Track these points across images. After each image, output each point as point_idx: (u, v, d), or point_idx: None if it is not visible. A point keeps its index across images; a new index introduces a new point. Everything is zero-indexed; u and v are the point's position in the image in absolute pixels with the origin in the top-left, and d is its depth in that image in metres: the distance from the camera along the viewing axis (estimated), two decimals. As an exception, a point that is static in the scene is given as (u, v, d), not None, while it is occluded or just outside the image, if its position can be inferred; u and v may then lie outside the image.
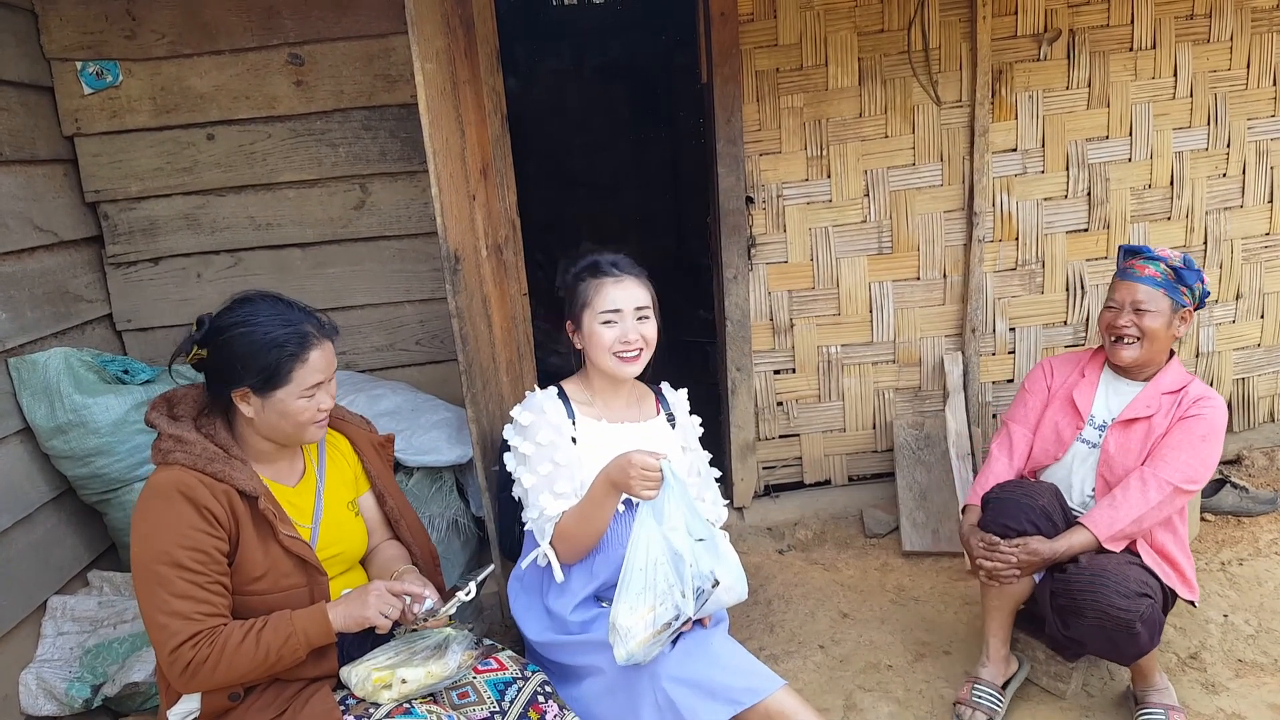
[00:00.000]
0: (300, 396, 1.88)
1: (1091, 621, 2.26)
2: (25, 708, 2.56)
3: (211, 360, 1.89)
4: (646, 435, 2.29)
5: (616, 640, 1.94)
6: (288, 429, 1.91)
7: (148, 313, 3.26)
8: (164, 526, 1.76)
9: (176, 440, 1.84)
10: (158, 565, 1.74)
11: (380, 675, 1.85)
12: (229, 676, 1.76)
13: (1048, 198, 3.50)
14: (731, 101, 3.33)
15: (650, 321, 2.27)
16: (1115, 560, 2.32)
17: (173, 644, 1.72)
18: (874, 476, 3.78)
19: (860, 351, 3.63)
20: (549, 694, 2.01)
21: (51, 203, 2.99)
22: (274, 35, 3.06)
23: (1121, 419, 2.49)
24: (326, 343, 1.94)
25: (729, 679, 2.00)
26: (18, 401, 2.71)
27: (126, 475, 2.80)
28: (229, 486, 1.83)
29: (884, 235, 3.51)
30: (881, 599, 3.17)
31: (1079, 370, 2.65)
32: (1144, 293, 2.43)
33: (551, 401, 2.27)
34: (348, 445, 2.18)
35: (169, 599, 1.73)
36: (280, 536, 1.88)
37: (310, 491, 2.03)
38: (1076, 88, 3.41)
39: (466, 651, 1.93)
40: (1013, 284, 3.57)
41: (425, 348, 3.37)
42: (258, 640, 1.76)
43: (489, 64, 3.03)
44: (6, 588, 2.58)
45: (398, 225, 3.25)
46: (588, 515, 2.13)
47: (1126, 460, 2.46)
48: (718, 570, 1.97)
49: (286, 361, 1.86)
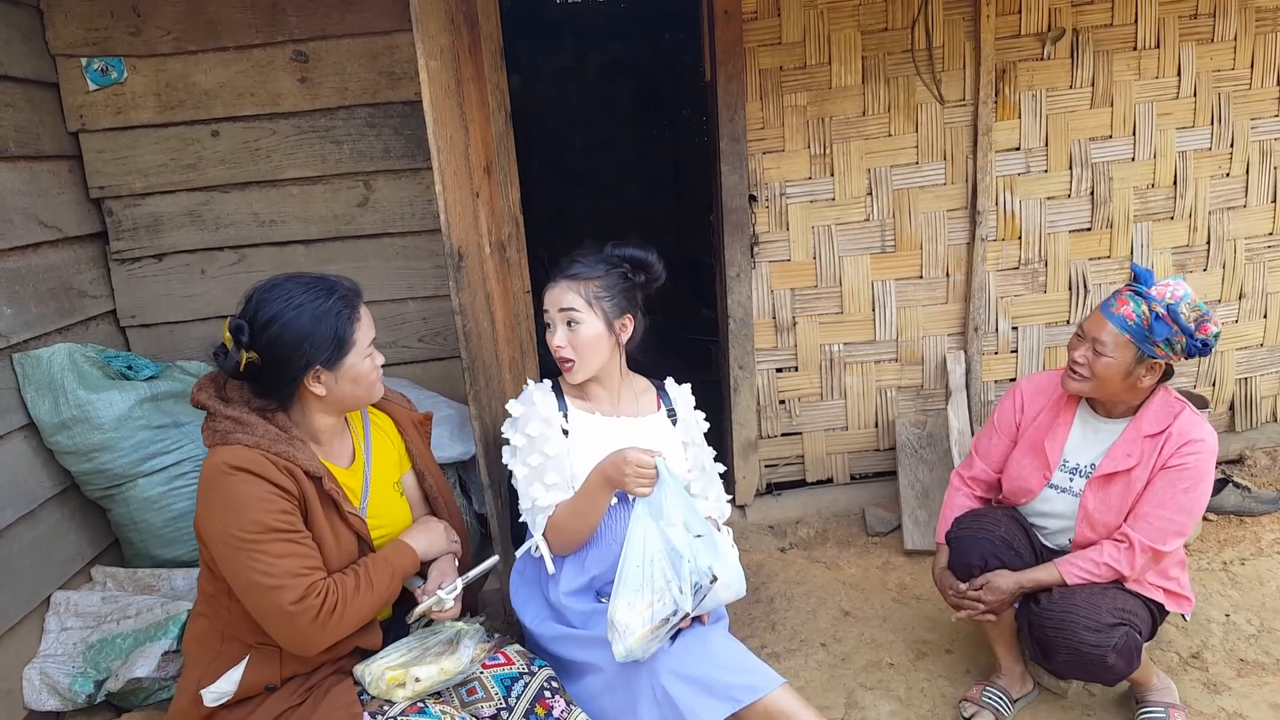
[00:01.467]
0: (364, 355, 1.92)
1: (1064, 657, 2.23)
2: (29, 703, 2.57)
3: (267, 359, 1.85)
4: (644, 430, 2.28)
5: (615, 637, 1.94)
6: (360, 393, 1.95)
7: (152, 309, 3.27)
8: (242, 499, 1.76)
9: (235, 421, 1.84)
10: (249, 534, 1.75)
11: (394, 674, 1.85)
12: (353, 620, 1.85)
13: (1051, 197, 3.50)
14: (735, 100, 3.33)
15: (583, 327, 2.18)
16: (1086, 591, 2.24)
17: (292, 598, 1.75)
18: (876, 475, 3.78)
19: (863, 350, 3.63)
20: (556, 689, 2.01)
21: (56, 199, 2.99)
22: (278, 32, 3.06)
23: (1100, 473, 2.34)
24: (362, 300, 1.99)
25: (728, 676, 1.99)
26: (22, 397, 2.71)
27: (130, 471, 2.80)
28: (294, 465, 1.83)
29: (887, 234, 3.51)
30: (883, 597, 3.17)
31: (1052, 405, 2.47)
32: (1108, 334, 2.22)
33: (542, 393, 2.27)
34: (391, 425, 2.21)
35: (273, 561, 1.75)
36: (345, 515, 1.92)
37: (359, 473, 2.06)
38: (1080, 87, 3.41)
39: (479, 645, 1.94)
40: (1015, 283, 3.57)
41: (428, 345, 3.37)
42: (370, 582, 1.88)
43: (493, 61, 3.03)
44: (10, 583, 2.59)
45: (401, 222, 3.25)
46: (580, 509, 2.13)
47: (1107, 517, 2.33)
48: (716, 567, 1.97)
49: (345, 325, 1.88)
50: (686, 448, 2.36)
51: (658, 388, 2.43)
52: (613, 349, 2.26)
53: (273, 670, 1.86)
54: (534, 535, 2.20)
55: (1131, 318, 2.20)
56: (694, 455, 2.37)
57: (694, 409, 2.44)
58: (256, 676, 1.86)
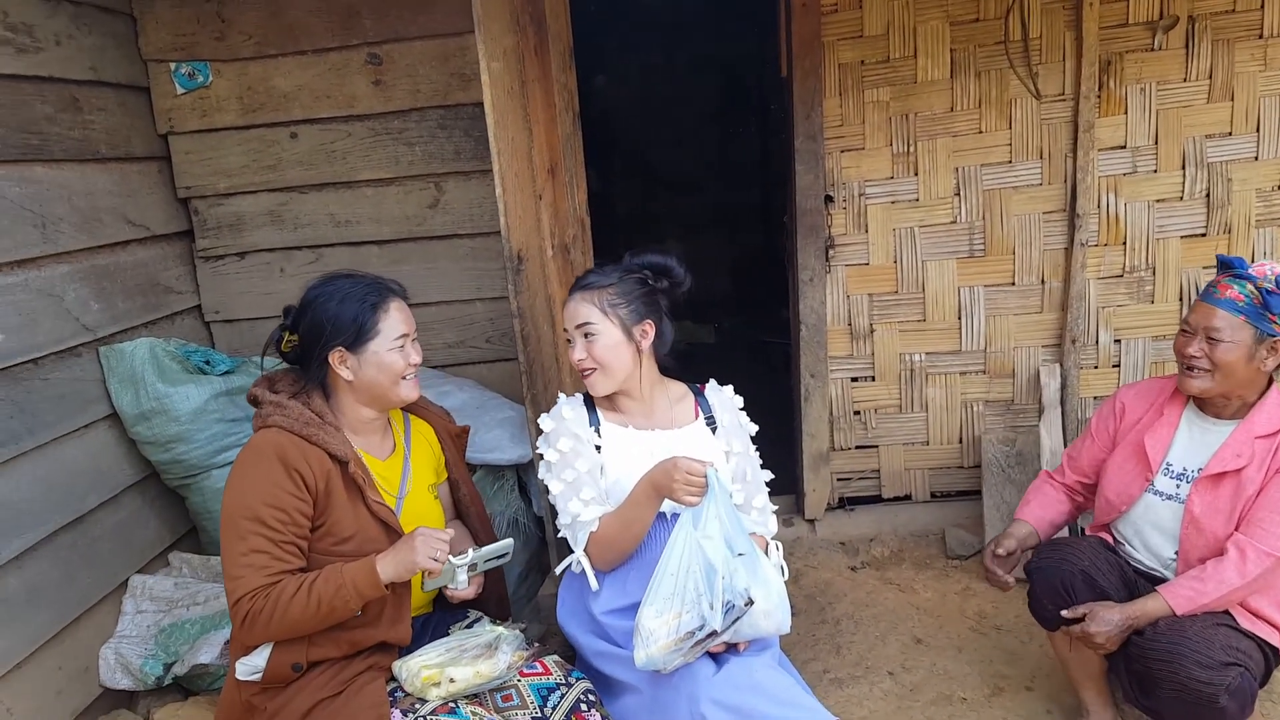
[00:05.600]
0: (390, 348, 1.98)
1: (1170, 694, 2.02)
2: (104, 681, 2.68)
3: (302, 338, 2.01)
4: (680, 443, 2.19)
5: (639, 642, 1.89)
6: (385, 383, 2.00)
7: (234, 305, 3.38)
8: (253, 483, 1.86)
9: (276, 405, 1.95)
10: (242, 519, 1.83)
11: (430, 673, 1.85)
12: (284, 626, 1.82)
13: (1160, 199, 3.23)
14: (812, 95, 3.20)
15: (600, 338, 2.13)
16: (1199, 623, 2.05)
17: (238, 594, 1.81)
18: (959, 494, 3.59)
19: (946, 360, 3.45)
20: (592, 702, 1.97)
21: (145, 198, 3.13)
22: (353, 35, 3.11)
23: (1207, 473, 2.16)
24: (401, 300, 2.05)
25: (773, 710, 1.89)
26: (107, 388, 2.83)
27: (205, 462, 2.90)
28: (321, 450, 1.91)
29: (975, 237, 3.32)
30: (960, 626, 2.99)
31: (1157, 407, 2.33)
32: (1220, 319, 2.09)
33: (572, 408, 2.22)
34: (432, 433, 2.26)
35: (246, 553, 1.82)
36: (369, 501, 1.96)
37: (398, 466, 2.11)
38: (1196, 79, 3.13)
39: (516, 652, 1.92)
40: (1119, 292, 3.31)
41: (494, 345, 3.38)
42: (309, 591, 1.81)
43: (560, 61, 3.00)
44: (91, 565, 2.71)
45: (470, 224, 3.26)
46: (627, 518, 2.08)
47: (1215, 523, 2.14)
48: (755, 590, 1.88)
49: (369, 312, 1.97)
50: (729, 456, 2.26)
51: (696, 393, 2.34)
52: (635, 357, 2.18)
53: (299, 651, 1.90)
54: (575, 550, 2.16)
55: (1240, 299, 2.09)
56: (736, 464, 2.27)
57: (739, 410, 2.33)
58: (284, 655, 1.89)
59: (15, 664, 2.40)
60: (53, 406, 2.62)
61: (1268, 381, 2.18)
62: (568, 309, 2.20)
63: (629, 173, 6.18)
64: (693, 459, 1.96)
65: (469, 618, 2.17)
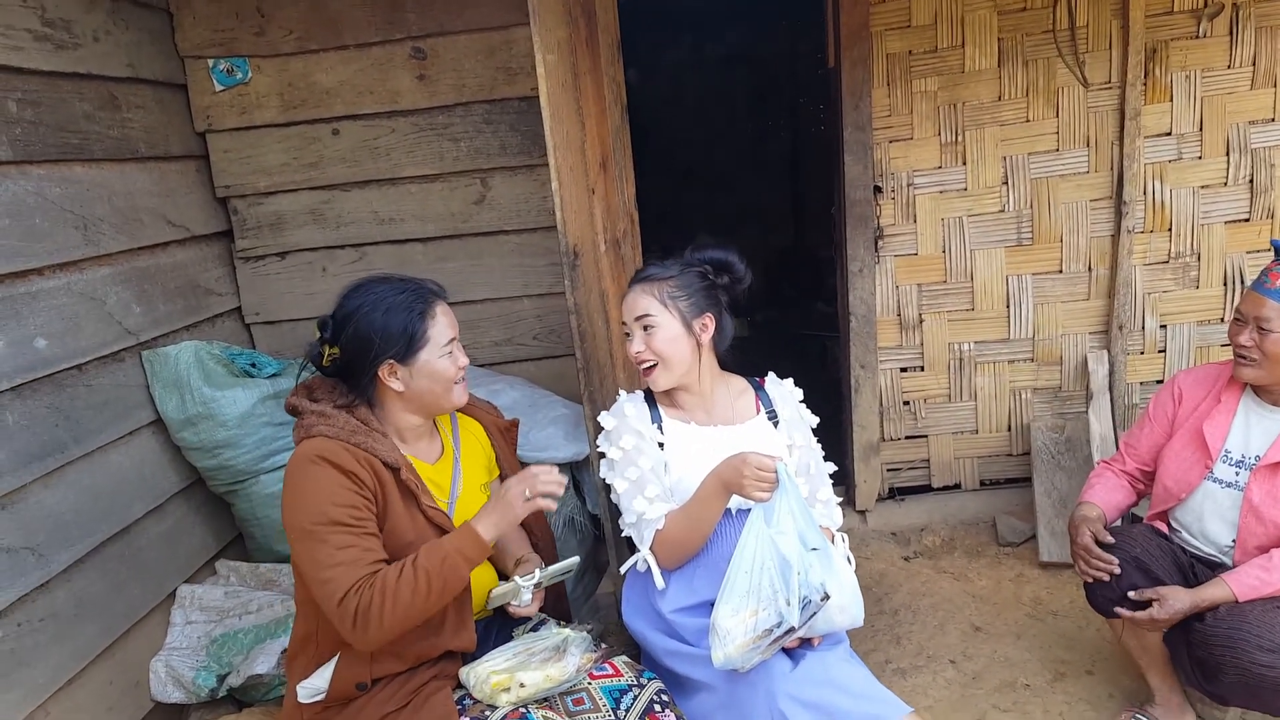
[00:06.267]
0: (441, 355, 1.92)
1: (1233, 679, 2.03)
2: (155, 695, 2.61)
3: (346, 352, 1.91)
4: (743, 439, 2.16)
5: (715, 642, 1.87)
6: (438, 390, 1.94)
7: (275, 306, 3.32)
8: (314, 490, 1.77)
9: (320, 415, 1.88)
10: (314, 527, 1.74)
11: (499, 679, 1.81)
12: (398, 615, 1.71)
13: (1205, 185, 3.24)
14: (860, 86, 3.18)
15: (659, 330, 2.12)
16: (1259, 608, 2.05)
17: (338, 595, 1.71)
18: (1008, 481, 3.59)
19: (995, 349, 3.44)
20: (666, 703, 1.93)
21: (184, 198, 3.06)
22: (397, 29, 3.05)
23: (1267, 462, 2.16)
24: (444, 302, 1.98)
25: (849, 704, 1.88)
26: (150, 394, 2.77)
27: (253, 467, 2.84)
28: (371, 457, 1.84)
29: (1023, 225, 3.31)
30: (1017, 612, 2.99)
31: (1214, 394, 2.32)
32: (1270, 309, 2.09)
33: (635, 405, 2.20)
34: (481, 430, 2.21)
35: (332, 553, 1.73)
36: (423, 507, 1.90)
37: (448, 469, 2.05)
38: (1239, 66, 3.14)
39: (585, 654, 1.88)
40: (1165, 278, 3.32)
41: (542, 342, 3.34)
42: (415, 570, 1.73)
43: (609, 54, 2.96)
44: (138, 576, 2.65)
45: (516, 219, 3.21)
46: (694, 515, 2.05)
47: (1275, 511, 2.14)
48: (830, 585, 1.86)
49: (417, 321, 1.90)
50: (791, 450, 2.23)
51: (756, 387, 2.31)
52: (694, 351, 2.16)
53: (363, 669, 1.84)
54: (641, 549, 2.13)
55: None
56: (799, 457, 2.24)
57: (800, 403, 2.31)
58: (347, 673, 1.84)
59: (66, 680, 2.34)
60: (97, 414, 2.56)
61: None
62: (627, 301, 2.18)
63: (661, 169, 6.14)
64: (762, 454, 1.94)
65: (533, 620, 2.14)
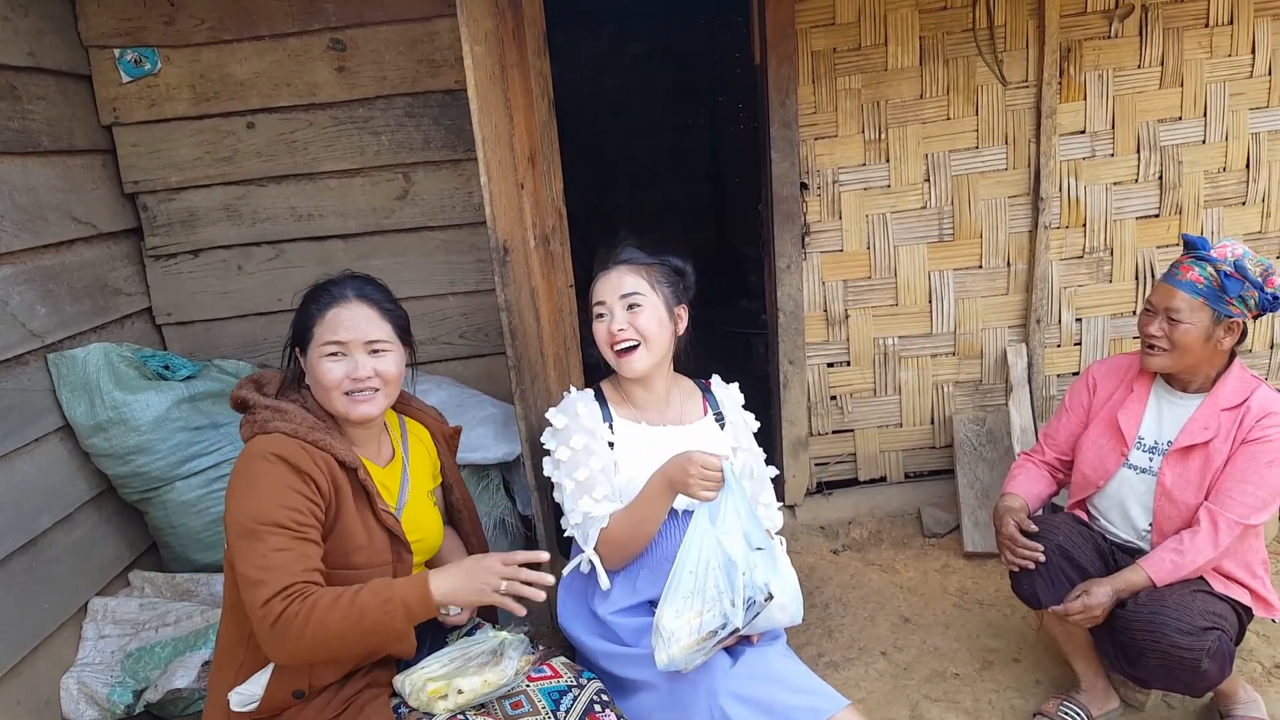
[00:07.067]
0: (322, 356, 1.84)
1: (1154, 662, 2.11)
2: (67, 713, 2.51)
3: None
4: (692, 439, 2.16)
5: (659, 643, 1.86)
6: (321, 395, 1.87)
7: (188, 306, 3.19)
8: (263, 489, 1.71)
9: (275, 410, 1.82)
10: (256, 525, 1.68)
11: (436, 685, 1.76)
12: (319, 638, 1.62)
13: (1117, 182, 3.34)
14: (786, 83, 3.20)
15: (646, 309, 2.11)
16: (1176, 592, 2.14)
17: (264, 596, 1.63)
18: (932, 474, 3.65)
19: (918, 343, 3.50)
20: (606, 703, 1.90)
21: (90, 194, 2.92)
22: (315, 19, 2.96)
23: (1177, 447, 2.26)
24: (358, 305, 1.88)
25: (789, 698, 1.90)
26: (57, 399, 2.64)
27: (168, 474, 2.73)
28: (329, 456, 1.79)
29: (945, 222, 3.37)
30: (944, 603, 3.05)
31: (1126, 383, 2.42)
32: (1180, 300, 2.18)
33: (586, 403, 2.17)
34: (428, 436, 2.16)
35: (266, 553, 1.66)
36: (377, 510, 1.86)
37: (398, 474, 2.01)
38: (1149, 66, 3.24)
39: (523, 657, 1.86)
40: (1080, 272, 3.42)
41: (469, 341, 3.28)
42: (353, 600, 1.65)
43: (536, 46, 2.92)
44: (47, 589, 2.52)
45: (442, 215, 3.15)
46: (639, 514, 2.04)
47: (1186, 494, 2.24)
48: (773, 584, 1.87)
49: (313, 314, 1.87)
50: (735, 452, 2.24)
51: (703, 389, 2.32)
52: (672, 339, 2.18)
53: (301, 676, 1.78)
54: (585, 549, 2.10)
55: (1200, 281, 2.18)
56: (743, 460, 2.25)
57: (743, 408, 2.33)
58: (285, 680, 1.77)
59: (-30, 701, 2.22)
60: (1, 420, 2.43)
61: (1229, 356, 2.28)
62: (608, 280, 2.15)
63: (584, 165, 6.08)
64: (708, 453, 1.94)
65: (468, 624, 2.09)
